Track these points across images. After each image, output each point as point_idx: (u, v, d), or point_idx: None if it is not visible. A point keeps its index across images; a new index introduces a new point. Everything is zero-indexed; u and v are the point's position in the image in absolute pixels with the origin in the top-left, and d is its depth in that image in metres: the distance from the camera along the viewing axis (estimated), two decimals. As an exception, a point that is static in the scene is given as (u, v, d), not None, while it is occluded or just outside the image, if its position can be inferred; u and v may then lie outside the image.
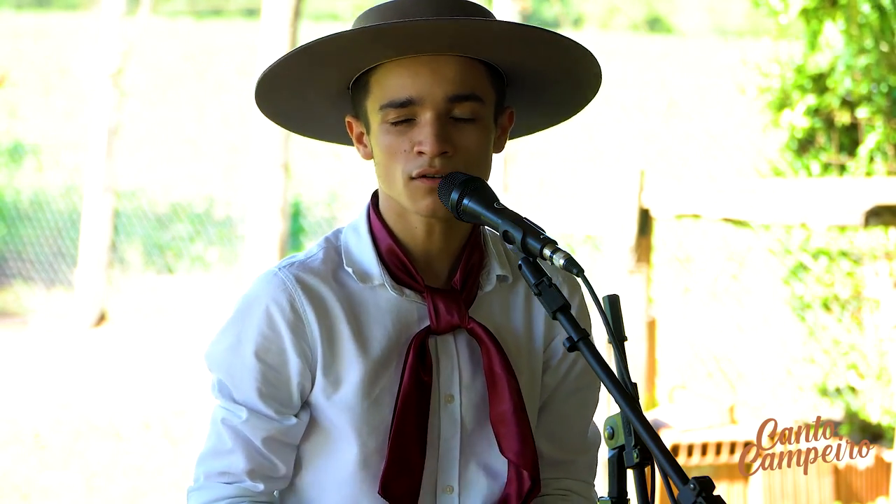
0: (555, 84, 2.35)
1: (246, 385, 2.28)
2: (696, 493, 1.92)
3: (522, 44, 2.26)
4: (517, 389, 2.28)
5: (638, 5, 23.63)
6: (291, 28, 9.41)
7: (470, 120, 2.24)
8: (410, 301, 2.30)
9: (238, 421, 2.28)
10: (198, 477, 2.31)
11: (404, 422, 2.26)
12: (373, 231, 2.32)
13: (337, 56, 2.24)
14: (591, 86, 2.36)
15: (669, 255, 10.31)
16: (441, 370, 2.30)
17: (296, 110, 2.37)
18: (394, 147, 2.23)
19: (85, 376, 10.92)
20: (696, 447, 6.55)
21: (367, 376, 2.27)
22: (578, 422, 2.43)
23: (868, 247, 7.92)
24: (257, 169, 9.50)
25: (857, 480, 6.79)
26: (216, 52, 19.76)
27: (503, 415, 2.28)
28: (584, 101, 2.40)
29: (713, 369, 9.42)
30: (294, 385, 2.28)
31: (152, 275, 14.31)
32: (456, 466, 2.32)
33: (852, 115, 8.04)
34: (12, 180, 16.09)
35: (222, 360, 2.30)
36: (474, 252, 2.32)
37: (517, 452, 2.28)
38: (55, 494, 7.92)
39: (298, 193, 13.84)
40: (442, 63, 2.23)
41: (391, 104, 2.23)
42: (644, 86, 16.07)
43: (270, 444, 2.29)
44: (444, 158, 2.21)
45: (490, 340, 2.28)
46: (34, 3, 24.54)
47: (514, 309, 2.35)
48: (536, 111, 2.41)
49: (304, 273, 2.28)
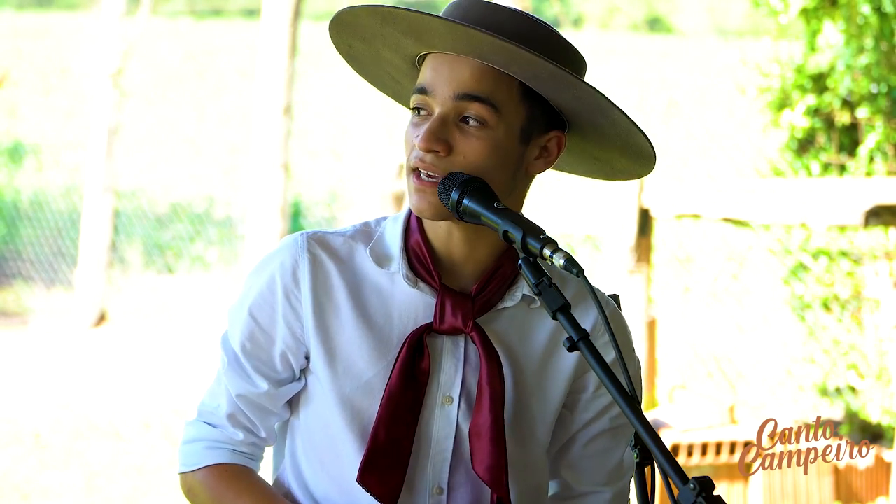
0: (604, 140, 2.32)
1: (235, 336, 2.34)
2: (696, 493, 1.92)
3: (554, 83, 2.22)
4: (500, 405, 2.27)
5: (638, 5, 23.63)
6: (291, 28, 9.40)
7: (479, 126, 2.22)
8: (422, 295, 2.30)
9: (222, 368, 2.35)
10: (196, 411, 2.39)
11: (388, 415, 2.26)
12: (408, 222, 2.33)
13: (399, 29, 2.25)
14: (636, 167, 2.34)
15: (669, 255, 10.31)
16: (443, 370, 2.30)
17: (369, 57, 2.37)
18: (408, 136, 2.26)
19: (85, 376, 10.92)
20: (696, 447, 6.55)
21: (363, 358, 2.29)
22: (605, 459, 2.41)
23: (868, 247, 7.92)
24: (257, 169, 9.49)
25: (857, 480, 6.79)
26: (216, 52, 19.75)
27: (479, 427, 2.27)
28: (628, 174, 2.37)
29: (713, 369, 9.41)
30: (276, 350, 2.32)
31: (152, 275, 14.30)
32: (447, 468, 2.31)
33: (852, 115, 8.04)
34: (12, 180, 16.08)
35: (232, 309, 2.36)
36: (507, 264, 2.30)
37: (486, 468, 2.27)
38: (55, 494, 7.92)
39: (298, 193, 13.84)
40: (461, 62, 2.22)
41: (416, 89, 2.26)
42: (644, 86, 16.06)
43: (244, 402, 2.34)
44: (435, 157, 2.21)
45: (485, 351, 2.27)
46: (34, 2, 24.53)
47: (535, 332, 2.33)
48: (587, 157, 2.38)
49: (320, 245, 2.31)
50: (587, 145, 2.34)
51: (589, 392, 2.39)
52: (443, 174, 2.21)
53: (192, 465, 2.36)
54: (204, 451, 2.35)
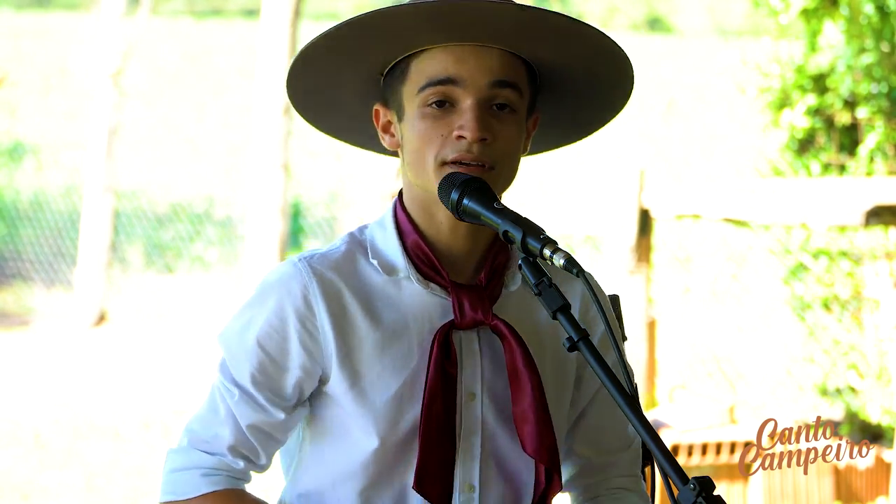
0: (584, 95, 2.35)
1: (243, 369, 2.29)
2: (696, 493, 1.92)
3: (569, 41, 2.27)
4: (539, 386, 2.27)
5: (638, 5, 23.64)
6: (291, 28, 9.41)
7: (510, 110, 2.23)
8: (434, 295, 2.29)
9: (231, 400, 2.29)
10: (182, 440, 2.33)
11: (431, 415, 2.24)
12: (399, 226, 2.31)
13: (386, 33, 2.23)
14: (619, 100, 2.39)
15: (669, 255, 10.31)
16: (464, 367, 2.29)
17: (324, 96, 2.36)
18: (430, 132, 2.23)
19: (85, 376, 10.92)
20: (696, 447, 6.55)
21: (387, 370, 2.27)
22: (617, 423, 2.42)
23: (868, 247, 7.92)
24: (257, 169, 9.49)
25: (857, 480, 6.79)
26: (216, 52, 19.77)
27: (525, 412, 2.27)
28: (604, 117, 2.41)
29: (713, 369, 9.41)
30: (291, 378, 2.28)
31: (152, 275, 14.31)
32: (477, 465, 2.30)
33: (852, 115, 8.04)
34: (12, 180, 16.10)
35: (230, 340, 2.31)
36: (501, 252, 2.32)
37: (537, 449, 2.27)
38: (55, 494, 7.92)
39: (298, 193, 13.84)
40: (486, 52, 2.22)
41: (431, 82, 2.22)
42: (644, 86, 16.06)
43: (254, 432, 2.29)
44: (483, 145, 2.21)
45: (513, 337, 2.27)
46: (34, 3, 24.54)
47: (538, 310, 2.33)
48: (558, 125, 2.41)
49: (323, 266, 2.28)
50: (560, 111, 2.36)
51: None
52: (490, 162, 2.21)
53: (185, 494, 2.29)
54: (200, 479, 2.29)
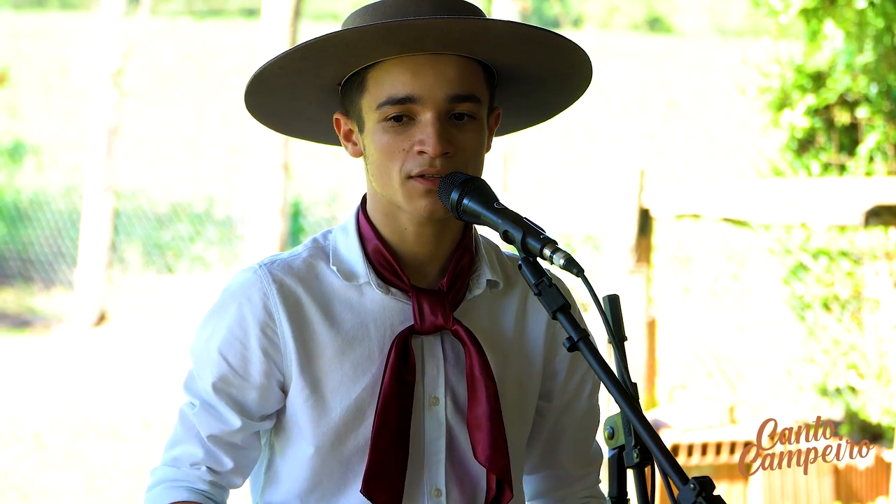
0: (545, 86, 2.35)
1: (205, 377, 2.30)
2: (696, 493, 1.92)
3: (522, 44, 2.26)
4: (495, 395, 2.27)
5: (638, 5, 23.65)
6: (291, 28, 9.40)
7: (469, 120, 2.23)
8: (395, 300, 2.29)
9: (191, 412, 2.30)
10: (160, 459, 2.37)
11: (385, 421, 2.25)
12: (360, 231, 2.32)
13: (339, 53, 2.23)
14: (580, 88, 2.37)
15: (669, 255, 10.31)
16: (426, 371, 2.29)
17: (283, 107, 2.36)
18: (392, 146, 2.23)
19: (85, 376, 10.93)
20: (696, 447, 6.55)
21: (348, 375, 2.27)
22: (591, 436, 2.46)
23: (868, 247, 7.92)
24: (257, 169, 9.49)
25: (857, 480, 6.79)
26: (216, 52, 19.76)
27: (479, 419, 2.28)
28: (569, 103, 2.41)
29: (713, 369, 9.42)
30: (250, 386, 2.28)
31: (152, 275, 14.31)
32: (443, 469, 2.31)
33: (852, 114, 8.05)
34: (12, 180, 16.10)
35: (195, 350, 2.33)
36: (464, 255, 2.31)
37: (488, 457, 2.27)
38: (55, 494, 7.92)
39: (298, 193, 13.83)
40: (443, 62, 2.22)
41: (390, 101, 2.22)
42: (644, 86, 16.06)
43: (216, 441, 2.30)
44: (445, 159, 2.21)
45: (472, 343, 2.27)
46: (34, 2, 24.54)
47: (504, 316, 2.34)
48: (522, 112, 2.41)
49: (283, 272, 2.28)
50: (514, 99, 2.36)
51: (561, 376, 2.41)
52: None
53: None
54: (163, 492, 2.32)
